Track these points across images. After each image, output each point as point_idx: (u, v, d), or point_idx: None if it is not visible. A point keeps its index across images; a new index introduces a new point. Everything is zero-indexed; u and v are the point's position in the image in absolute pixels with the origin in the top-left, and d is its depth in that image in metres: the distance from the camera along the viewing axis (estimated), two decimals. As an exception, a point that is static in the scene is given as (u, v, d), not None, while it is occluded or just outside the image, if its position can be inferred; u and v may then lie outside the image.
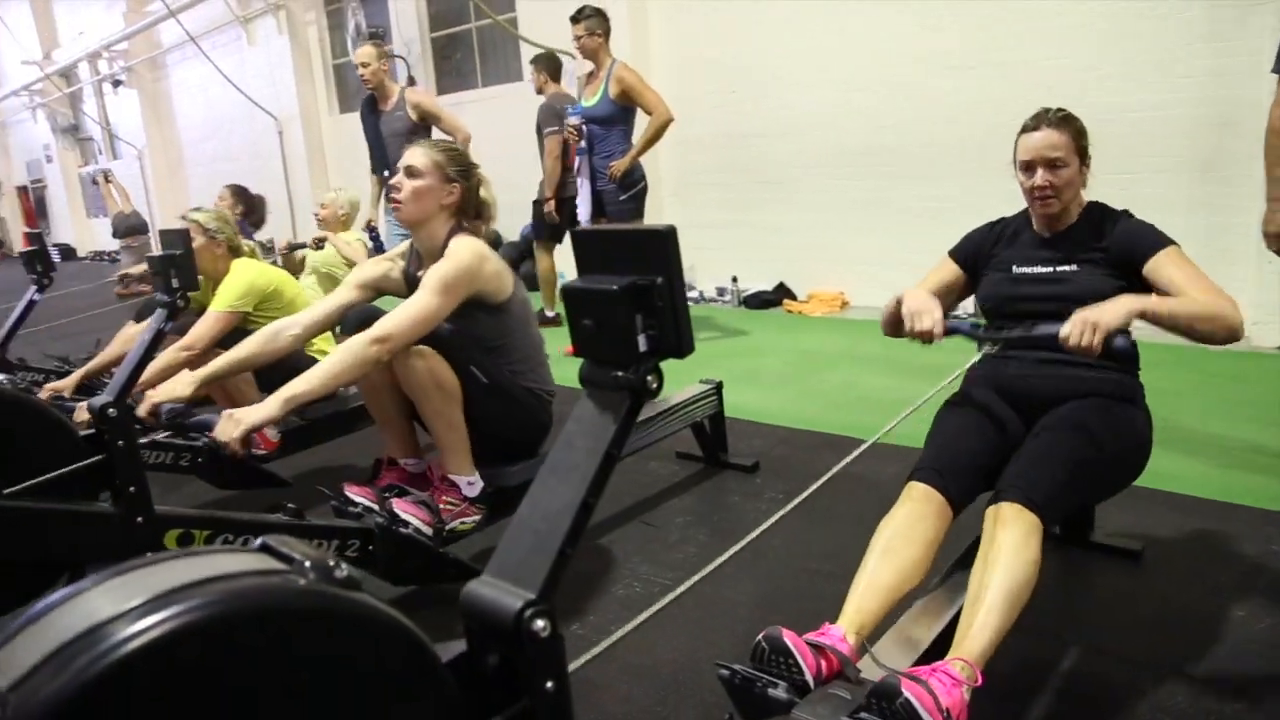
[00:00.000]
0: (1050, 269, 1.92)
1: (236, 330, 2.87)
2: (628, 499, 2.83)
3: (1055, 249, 1.95)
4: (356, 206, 4.61)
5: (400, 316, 1.94)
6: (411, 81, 8.55)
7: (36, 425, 1.96)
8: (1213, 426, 3.13)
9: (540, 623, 0.70)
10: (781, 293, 6.17)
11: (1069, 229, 1.95)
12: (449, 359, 2.01)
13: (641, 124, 4.82)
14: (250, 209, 5.10)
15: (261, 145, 10.62)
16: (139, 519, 1.83)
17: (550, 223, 5.09)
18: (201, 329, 2.81)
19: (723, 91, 6.31)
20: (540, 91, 5.08)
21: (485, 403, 2.09)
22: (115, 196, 8.06)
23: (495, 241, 8.34)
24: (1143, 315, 1.69)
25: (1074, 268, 1.89)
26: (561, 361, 2.20)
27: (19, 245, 4.99)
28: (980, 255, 2.07)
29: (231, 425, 1.77)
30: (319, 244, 4.49)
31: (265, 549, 0.72)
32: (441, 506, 2.00)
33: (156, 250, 2.02)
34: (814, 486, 1.28)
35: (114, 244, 10.43)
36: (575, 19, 4.62)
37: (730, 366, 4.16)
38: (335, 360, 1.88)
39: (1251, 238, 4.10)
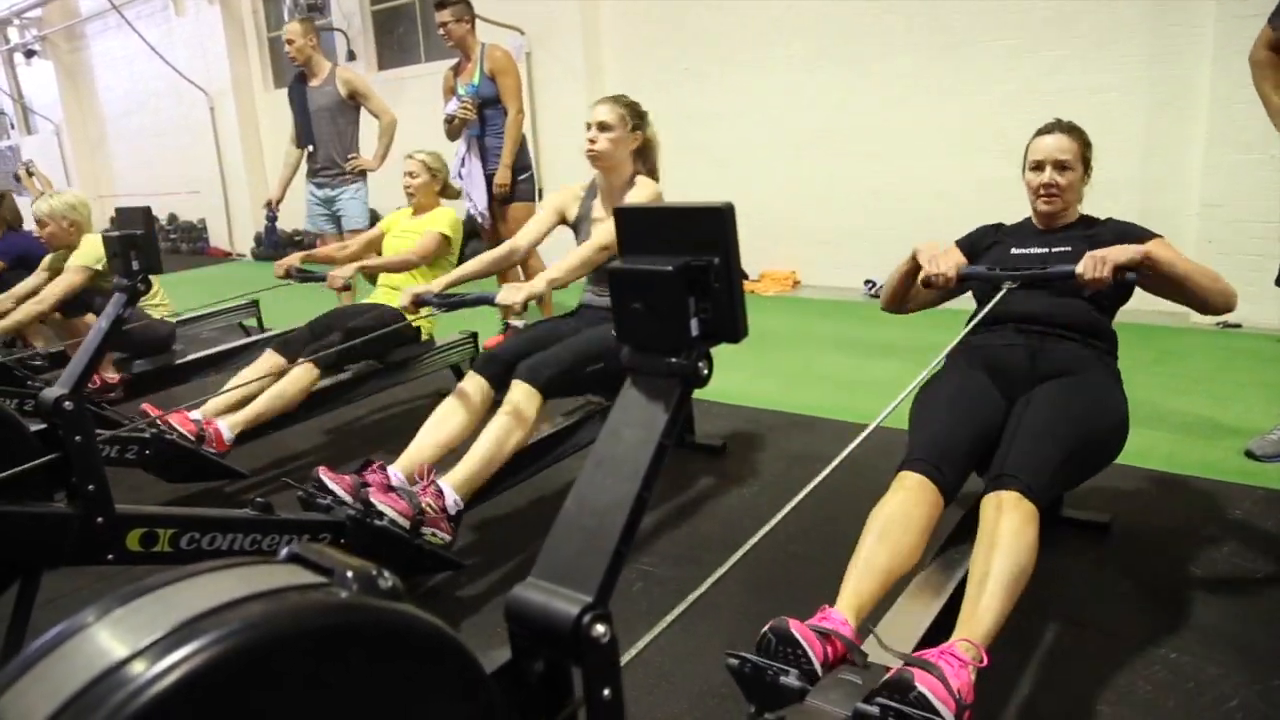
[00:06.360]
0: (1045, 249, 2.08)
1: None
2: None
3: (1052, 236, 2.13)
4: (82, 211, 3.74)
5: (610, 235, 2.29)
6: (352, 57, 8.26)
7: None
8: (1165, 401, 3.22)
9: (600, 628, 0.66)
10: (734, 272, 6.18)
11: (1065, 225, 2.14)
12: None
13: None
14: None
15: (192, 120, 10.14)
16: (99, 519, 1.71)
17: None
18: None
19: (675, 70, 6.25)
20: None
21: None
22: (39, 187, 7.51)
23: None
24: (1147, 258, 1.79)
25: (1068, 249, 2.02)
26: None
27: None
28: (981, 245, 2.24)
29: (513, 291, 2.13)
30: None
31: (296, 559, 0.66)
32: (424, 503, 1.92)
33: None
34: (823, 474, 1.26)
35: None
36: (441, 4, 4.35)
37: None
38: (575, 260, 2.41)
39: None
